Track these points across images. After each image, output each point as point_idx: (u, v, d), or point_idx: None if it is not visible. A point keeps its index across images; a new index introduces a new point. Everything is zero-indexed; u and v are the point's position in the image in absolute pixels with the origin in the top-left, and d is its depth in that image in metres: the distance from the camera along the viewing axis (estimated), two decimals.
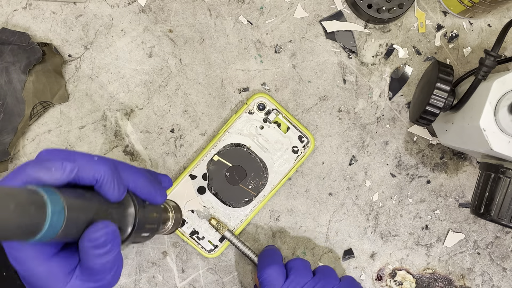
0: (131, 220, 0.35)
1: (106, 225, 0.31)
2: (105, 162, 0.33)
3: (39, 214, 0.26)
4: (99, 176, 0.32)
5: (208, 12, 0.51)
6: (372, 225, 0.51)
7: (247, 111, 0.49)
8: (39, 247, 0.32)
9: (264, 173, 0.50)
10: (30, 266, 0.32)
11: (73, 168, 0.31)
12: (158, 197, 0.37)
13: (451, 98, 0.44)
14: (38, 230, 0.27)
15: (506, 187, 0.41)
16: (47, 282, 0.33)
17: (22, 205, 0.25)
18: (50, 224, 0.27)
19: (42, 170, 0.30)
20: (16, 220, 0.25)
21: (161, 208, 0.40)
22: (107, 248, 0.32)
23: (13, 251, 0.32)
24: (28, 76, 0.48)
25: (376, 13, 0.49)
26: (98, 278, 0.33)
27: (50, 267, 0.32)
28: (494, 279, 0.52)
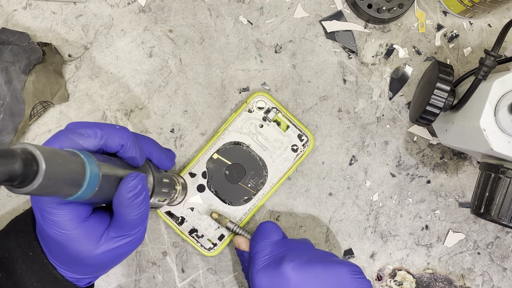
0: (150, 183, 0.39)
1: (137, 174, 0.35)
2: (126, 129, 0.36)
3: (80, 170, 0.29)
4: (123, 141, 0.35)
5: (208, 12, 0.51)
6: (372, 225, 0.51)
7: (246, 110, 0.49)
8: (75, 209, 0.34)
9: (263, 171, 0.50)
10: (68, 228, 0.34)
11: (104, 134, 0.34)
12: (167, 163, 0.43)
13: (451, 98, 0.44)
14: (79, 186, 0.29)
15: (506, 187, 0.41)
16: (83, 243, 0.35)
17: (67, 161, 0.28)
18: (89, 181, 0.30)
19: (76, 136, 0.33)
20: (64, 175, 0.28)
21: (171, 175, 0.44)
22: (143, 195, 0.35)
23: (52, 216, 0.34)
24: (28, 76, 0.48)
25: (376, 13, 0.49)
26: (129, 232, 0.36)
27: (86, 228, 0.35)
28: (494, 279, 0.52)
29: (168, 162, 0.43)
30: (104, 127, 0.35)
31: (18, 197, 0.50)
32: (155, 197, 0.40)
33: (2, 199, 0.50)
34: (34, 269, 0.37)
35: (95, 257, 0.36)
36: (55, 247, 0.36)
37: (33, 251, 0.38)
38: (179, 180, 0.47)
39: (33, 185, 0.26)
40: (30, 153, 0.26)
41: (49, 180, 0.26)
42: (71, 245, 0.35)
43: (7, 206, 0.50)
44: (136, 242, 0.38)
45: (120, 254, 0.37)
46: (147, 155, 0.41)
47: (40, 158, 0.26)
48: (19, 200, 0.50)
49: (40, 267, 0.37)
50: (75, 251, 0.35)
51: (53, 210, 0.34)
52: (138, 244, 0.38)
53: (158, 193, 0.40)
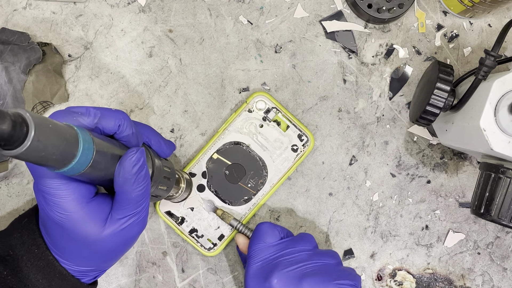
0: (150, 166, 0.38)
1: (137, 148, 0.34)
2: (122, 112, 0.36)
3: (73, 139, 0.29)
4: (120, 122, 0.35)
5: (208, 12, 0.51)
6: (372, 225, 0.51)
7: (246, 110, 0.49)
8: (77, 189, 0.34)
9: (263, 171, 0.50)
10: (72, 209, 0.34)
11: (97, 113, 0.34)
12: (166, 149, 0.42)
13: (451, 98, 0.44)
14: (72, 155, 0.29)
15: (506, 187, 0.41)
16: (88, 226, 0.35)
17: (59, 129, 0.28)
18: (83, 151, 0.30)
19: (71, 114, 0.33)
20: (55, 141, 0.28)
21: (173, 165, 0.43)
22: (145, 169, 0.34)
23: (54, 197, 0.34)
24: (28, 76, 0.48)
25: (376, 13, 0.49)
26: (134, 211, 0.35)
27: (90, 209, 0.34)
28: (494, 279, 0.52)
29: (167, 149, 0.43)
30: (99, 108, 0.35)
31: (18, 197, 0.50)
32: (155, 183, 0.39)
33: (2, 199, 0.50)
34: (39, 266, 0.37)
35: (102, 240, 0.35)
36: (60, 235, 0.36)
37: (38, 248, 0.37)
38: (183, 175, 0.46)
39: (22, 147, 0.26)
40: (20, 116, 0.26)
41: (39, 143, 0.26)
42: (76, 228, 0.34)
43: (7, 207, 0.50)
44: (141, 223, 0.37)
45: (126, 237, 0.36)
46: (145, 141, 0.41)
47: (30, 120, 0.26)
48: (19, 200, 0.50)
49: (46, 263, 0.37)
50: (81, 234, 0.35)
51: (55, 191, 0.33)
52: (142, 225, 0.37)
53: (158, 179, 0.39)
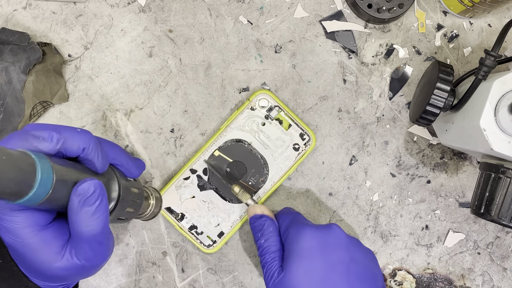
0: (115, 191, 0.36)
1: (92, 179, 0.32)
2: (87, 132, 0.34)
3: (30, 170, 0.27)
4: (85, 145, 0.33)
5: (208, 12, 0.51)
6: (372, 225, 0.51)
7: (249, 107, 0.49)
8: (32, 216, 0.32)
9: (264, 169, 0.50)
10: (23, 236, 0.32)
11: (60, 138, 0.32)
12: (134, 170, 0.40)
13: (451, 98, 0.44)
14: (29, 187, 0.27)
15: (506, 187, 0.41)
16: (40, 254, 0.32)
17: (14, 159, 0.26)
18: (41, 182, 0.28)
19: (30, 138, 0.31)
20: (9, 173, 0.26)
21: (141, 185, 0.41)
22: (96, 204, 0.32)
23: (5, 223, 0.31)
24: (28, 76, 0.48)
25: (376, 13, 0.49)
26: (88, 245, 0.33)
27: (43, 237, 0.32)
28: (494, 279, 0.52)
29: (135, 170, 0.40)
30: (63, 130, 0.33)
31: None
32: (121, 207, 0.37)
33: None
34: (4, 277, 0.35)
35: (54, 270, 0.33)
36: (15, 255, 0.34)
37: (2, 259, 0.35)
38: (153, 193, 0.45)
39: None
40: None
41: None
42: (28, 254, 0.32)
43: None
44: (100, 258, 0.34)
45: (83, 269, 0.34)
46: (112, 161, 0.38)
47: None
48: None
49: (10, 275, 0.35)
50: (33, 260, 0.33)
51: (7, 217, 0.31)
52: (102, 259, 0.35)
53: (126, 203, 0.37)
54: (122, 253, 0.51)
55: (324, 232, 0.42)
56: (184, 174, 0.49)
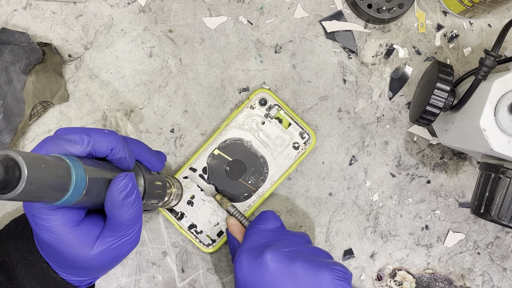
0: (141, 185, 0.39)
1: (126, 173, 0.35)
2: (115, 133, 0.36)
3: (65, 174, 0.29)
4: (113, 145, 0.35)
5: (208, 12, 0.51)
6: (372, 225, 0.51)
7: (248, 106, 0.49)
8: (67, 214, 0.34)
9: (264, 168, 0.50)
10: (60, 233, 0.34)
11: (90, 141, 0.34)
12: (157, 164, 0.42)
13: (451, 98, 0.44)
14: (65, 190, 0.30)
15: (506, 187, 0.41)
16: (77, 247, 0.35)
17: (51, 166, 0.28)
18: (75, 185, 0.30)
19: (63, 142, 0.33)
20: (47, 179, 0.28)
21: (164, 177, 0.44)
22: (135, 194, 0.35)
23: (43, 221, 0.34)
24: (28, 76, 0.48)
25: (376, 13, 0.49)
26: (127, 232, 0.36)
27: (79, 232, 0.35)
28: (494, 279, 0.52)
29: (159, 164, 0.43)
30: (92, 132, 0.35)
31: None
32: (147, 199, 0.39)
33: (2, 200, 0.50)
34: (34, 273, 0.37)
35: (90, 260, 0.36)
36: (50, 251, 0.36)
37: (32, 256, 0.37)
38: (174, 182, 0.47)
39: (16, 191, 0.26)
40: (12, 159, 0.26)
41: (33, 185, 0.26)
42: (65, 249, 0.35)
43: (7, 207, 0.50)
44: (132, 243, 0.37)
45: (116, 256, 0.37)
46: (136, 157, 0.41)
47: (22, 163, 0.26)
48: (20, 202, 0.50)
49: (40, 271, 0.37)
50: (69, 255, 0.35)
51: (44, 216, 0.33)
52: (134, 245, 0.38)
53: (150, 195, 0.40)
54: None
55: (252, 263, 0.41)
56: (184, 173, 0.49)
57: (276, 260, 0.40)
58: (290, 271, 0.40)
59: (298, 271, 0.39)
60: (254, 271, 0.40)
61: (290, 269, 0.40)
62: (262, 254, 0.40)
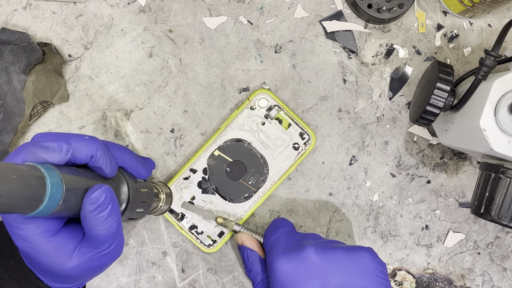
0: (125, 193, 0.37)
1: (101, 185, 0.33)
2: (95, 139, 0.35)
3: (39, 184, 0.28)
4: (93, 152, 0.34)
5: (208, 12, 0.51)
6: (372, 225, 0.51)
7: (248, 107, 0.49)
8: (44, 223, 0.33)
9: (264, 169, 0.50)
10: (36, 242, 0.33)
11: (69, 149, 0.33)
12: (143, 172, 0.41)
13: (451, 98, 0.44)
14: (39, 201, 0.28)
15: (506, 187, 0.41)
16: (53, 258, 0.34)
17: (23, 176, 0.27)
18: (51, 195, 0.28)
19: (40, 150, 0.32)
20: (19, 190, 0.26)
21: (151, 185, 0.43)
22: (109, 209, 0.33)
23: (18, 230, 0.33)
24: (28, 76, 0.48)
25: (376, 13, 0.49)
26: (103, 246, 0.35)
27: (56, 242, 0.33)
28: (494, 279, 0.52)
29: (144, 171, 0.41)
30: (71, 139, 0.34)
31: None
32: (131, 208, 0.38)
33: None
34: (16, 278, 0.36)
35: (67, 270, 0.34)
36: (27, 259, 0.35)
37: (14, 260, 0.36)
38: (163, 189, 0.46)
39: None
40: None
41: (2, 198, 0.25)
42: (41, 259, 0.34)
43: None
44: (112, 257, 0.36)
45: (94, 268, 0.36)
46: (121, 164, 0.39)
47: None
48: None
49: (22, 276, 0.36)
50: (46, 265, 0.34)
51: (20, 225, 0.32)
52: (114, 258, 0.37)
53: (135, 204, 0.38)
54: (122, 253, 0.51)
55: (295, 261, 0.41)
56: (184, 174, 0.49)
57: (319, 251, 0.41)
58: (334, 259, 0.41)
59: (342, 256, 0.41)
60: (300, 268, 0.40)
61: (333, 257, 0.41)
62: (303, 250, 0.41)
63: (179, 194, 0.49)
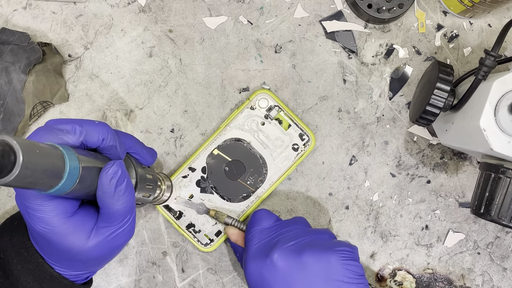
0: (132, 177, 0.39)
1: (115, 160, 0.34)
2: (105, 124, 0.36)
3: (59, 161, 0.30)
4: (104, 136, 0.35)
5: (208, 12, 0.51)
6: (372, 225, 0.51)
7: (248, 107, 0.49)
8: (61, 204, 0.34)
9: (263, 169, 0.50)
10: (55, 224, 0.34)
11: (82, 131, 0.34)
12: (148, 157, 0.43)
13: (451, 98, 0.44)
14: (59, 178, 0.30)
15: (506, 187, 0.41)
16: (72, 238, 0.35)
17: (45, 152, 0.28)
18: (69, 172, 0.30)
19: (55, 132, 0.33)
20: (42, 165, 0.28)
21: (155, 172, 0.44)
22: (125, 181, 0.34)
23: (37, 212, 0.34)
24: (28, 76, 0.48)
25: (376, 13, 0.49)
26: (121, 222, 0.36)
27: (74, 223, 0.35)
28: (494, 279, 0.52)
29: (150, 157, 0.43)
30: (83, 123, 0.35)
31: None
32: (139, 192, 0.39)
33: (2, 199, 0.50)
34: (29, 268, 0.37)
35: (86, 252, 0.35)
36: (45, 244, 0.36)
37: (27, 251, 0.37)
38: (165, 179, 0.47)
39: (11, 176, 0.26)
40: (7, 144, 0.26)
41: (27, 170, 0.26)
42: (59, 240, 0.35)
43: (7, 206, 0.50)
44: (127, 234, 0.37)
45: (112, 247, 0.37)
46: (128, 150, 0.41)
47: (17, 148, 0.26)
48: None
49: (36, 266, 0.37)
50: (64, 246, 0.35)
51: (38, 206, 0.33)
52: (129, 235, 0.38)
53: (142, 188, 0.40)
54: (122, 253, 0.51)
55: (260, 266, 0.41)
56: (183, 172, 0.49)
57: (283, 257, 0.40)
58: (299, 264, 0.40)
59: (307, 262, 0.40)
60: (265, 275, 0.41)
61: (298, 262, 0.40)
62: (268, 256, 0.41)
63: (178, 192, 0.50)
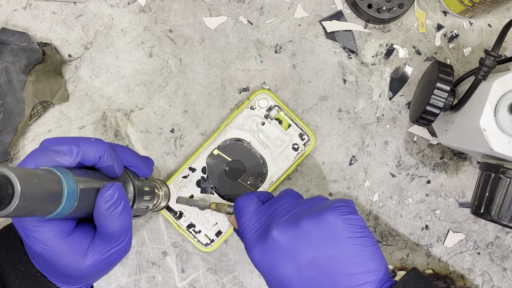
0: (131, 192, 0.39)
1: (113, 183, 0.34)
2: (101, 141, 0.36)
3: (57, 187, 0.30)
4: (100, 153, 0.35)
5: (208, 12, 0.51)
6: (372, 225, 0.51)
7: (248, 107, 0.49)
8: (58, 225, 0.34)
9: (263, 169, 0.50)
10: (53, 244, 0.34)
11: (79, 151, 0.34)
12: (145, 169, 0.42)
13: (451, 98, 0.44)
14: (58, 203, 0.30)
15: (506, 187, 0.41)
16: (70, 257, 0.35)
17: (43, 180, 0.28)
18: (67, 197, 0.30)
19: (52, 154, 0.33)
20: (40, 194, 0.28)
21: (152, 182, 0.44)
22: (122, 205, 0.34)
23: (34, 233, 0.34)
24: (28, 76, 0.48)
25: (376, 13, 0.49)
26: (117, 242, 0.36)
27: (71, 242, 0.35)
28: (494, 279, 0.52)
29: (147, 169, 0.43)
30: (80, 142, 0.35)
31: None
32: (137, 205, 0.40)
33: None
34: (28, 283, 0.37)
35: (83, 270, 0.36)
36: (43, 262, 0.36)
37: (24, 266, 0.37)
38: (161, 186, 0.47)
39: (10, 208, 0.26)
40: (5, 176, 0.26)
41: (26, 201, 0.26)
42: (57, 260, 0.35)
43: None
44: (123, 252, 0.37)
45: (107, 264, 0.37)
46: (124, 164, 0.41)
47: (15, 180, 0.26)
48: None
49: (34, 281, 0.37)
50: (62, 265, 0.35)
51: (35, 228, 0.34)
52: (125, 253, 0.38)
53: (140, 201, 0.40)
54: None
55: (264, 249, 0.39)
56: (183, 173, 0.49)
57: (282, 232, 0.38)
58: (301, 233, 0.38)
59: (307, 228, 0.38)
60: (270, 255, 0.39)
61: (299, 231, 0.38)
62: (267, 235, 0.39)
63: (178, 192, 0.50)
